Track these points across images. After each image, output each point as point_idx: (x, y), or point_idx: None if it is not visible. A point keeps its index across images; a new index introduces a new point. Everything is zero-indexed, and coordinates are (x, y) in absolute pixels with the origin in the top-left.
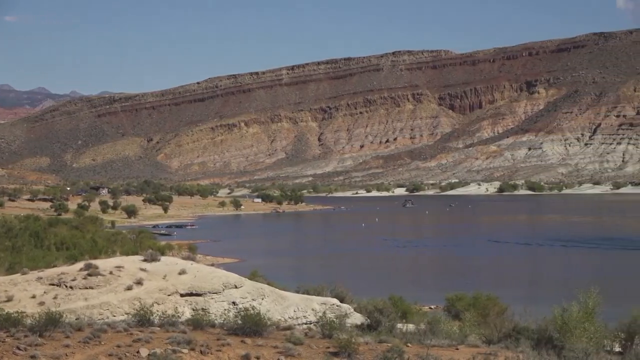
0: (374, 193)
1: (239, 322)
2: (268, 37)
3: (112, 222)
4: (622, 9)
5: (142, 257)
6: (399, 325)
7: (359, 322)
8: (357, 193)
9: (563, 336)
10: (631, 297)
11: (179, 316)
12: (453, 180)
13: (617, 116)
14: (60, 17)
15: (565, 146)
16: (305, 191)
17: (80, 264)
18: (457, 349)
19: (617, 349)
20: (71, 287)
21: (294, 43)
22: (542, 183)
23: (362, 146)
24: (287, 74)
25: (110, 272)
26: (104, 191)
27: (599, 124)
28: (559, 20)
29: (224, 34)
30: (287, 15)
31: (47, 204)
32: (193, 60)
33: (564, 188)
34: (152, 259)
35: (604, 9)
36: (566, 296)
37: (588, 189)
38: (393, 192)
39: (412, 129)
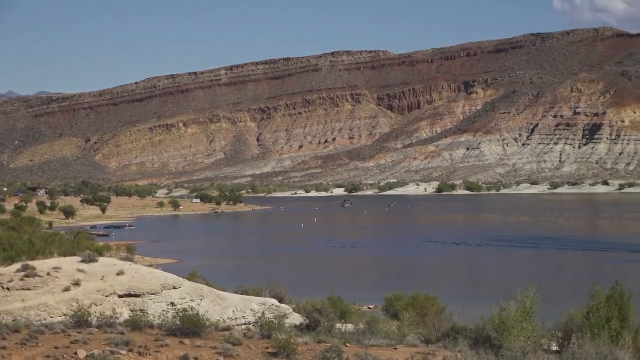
0: (313, 193)
1: (178, 323)
2: (207, 37)
3: (50, 223)
4: (559, 10)
5: (80, 259)
6: (338, 326)
7: (298, 323)
8: (296, 193)
9: (501, 335)
10: (568, 296)
11: (117, 317)
12: (392, 181)
13: (555, 117)
14: None
15: (503, 146)
16: (244, 192)
17: (18, 265)
18: (396, 348)
19: (555, 348)
20: (8, 289)
21: (233, 43)
22: (480, 183)
23: (301, 146)
24: (226, 74)
25: (48, 274)
26: (41, 192)
27: (537, 125)
28: (496, 21)
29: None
30: (226, 15)
31: None
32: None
33: (502, 188)
34: (90, 260)
35: (541, 10)
36: (504, 296)
37: (526, 189)
38: (332, 192)
39: (351, 130)
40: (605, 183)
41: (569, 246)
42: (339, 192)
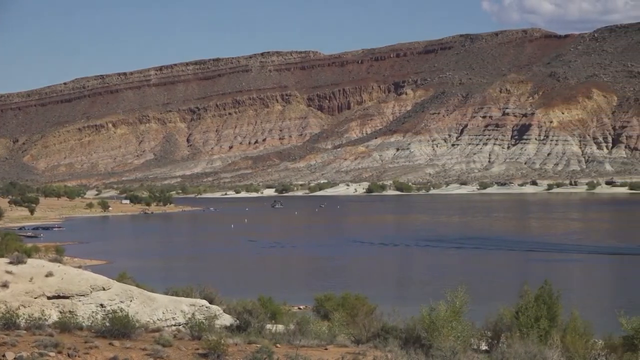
0: (243, 194)
1: (107, 324)
2: (136, 37)
3: None
4: (488, 11)
5: (7, 260)
6: (268, 326)
7: (228, 323)
8: (226, 194)
9: (431, 335)
10: (497, 296)
11: (45, 319)
12: (322, 181)
13: (484, 117)
14: None
15: (432, 147)
16: (174, 192)
17: None
18: (326, 349)
19: (484, 347)
20: None
21: (163, 43)
22: (410, 183)
23: (231, 147)
24: (156, 74)
25: None
26: None
27: (466, 125)
28: (426, 22)
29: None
30: (155, 14)
31: None
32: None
33: (432, 188)
34: (18, 262)
35: (470, 11)
36: (434, 295)
37: (455, 189)
38: (262, 193)
39: (281, 130)
40: (534, 183)
41: (498, 246)
42: (270, 192)
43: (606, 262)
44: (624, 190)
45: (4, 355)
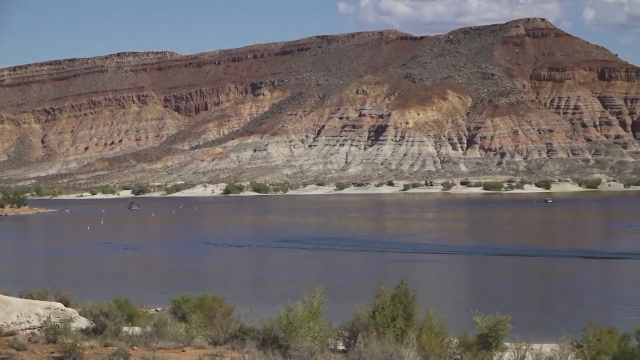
0: (99, 195)
1: None
2: None
3: None
4: (344, 12)
5: None
6: (125, 329)
7: (84, 326)
8: (82, 195)
9: (288, 336)
10: (354, 296)
11: None
12: (179, 182)
13: (340, 118)
14: None
15: (290, 148)
16: (28, 194)
17: None
18: (184, 350)
19: (341, 347)
20: None
21: (16, 43)
22: (267, 184)
23: (86, 148)
24: (9, 74)
25: None
26: None
27: (323, 126)
28: (283, 23)
29: None
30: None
31: None
32: None
33: (289, 189)
34: None
35: (326, 12)
36: (291, 296)
37: (312, 190)
38: (118, 194)
39: (137, 131)
40: (390, 184)
41: (354, 246)
42: (126, 194)
43: (461, 262)
44: (479, 190)
45: None
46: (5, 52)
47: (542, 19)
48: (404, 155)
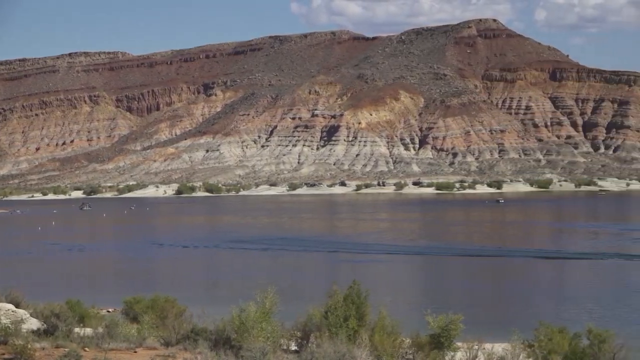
0: (51, 196)
1: None
2: None
3: None
4: (296, 13)
5: None
6: (77, 330)
7: (35, 328)
8: (33, 196)
9: (241, 336)
10: (306, 296)
11: None
12: (131, 183)
13: (293, 118)
14: None
15: (242, 148)
16: None
17: None
18: (136, 351)
19: (294, 347)
20: None
21: None
22: (220, 185)
23: (38, 149)
24: None
25: None
26: None
27: (275, 126)
28: (235, 24)
29: None
30: None
31: None
32: None
33: (242, 190)
34: None
35: (279, 12)
36: (244, 296)
37: (265, 191)
38: (70, 195)
39: (89, 131)
40: (343, 184)
41: (306, 247)
42: (78, 194)
43: (413, 262)
44: (431, 190)
45: None
46: None
47: (494, 20)
48: (357, 155)
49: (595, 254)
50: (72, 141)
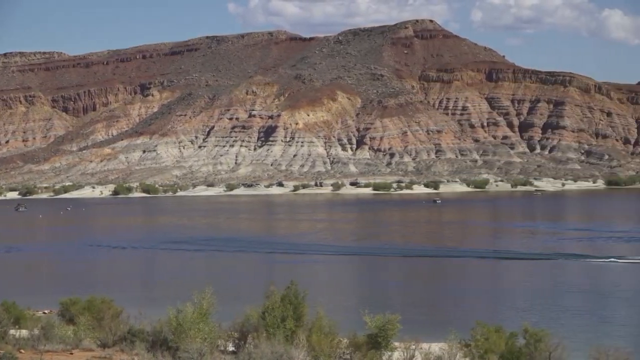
0: None
1: None
2: None
3: None
4: (233, 13)
5: None
6: (12, 332)
7: None
8: None
9: (178, 337)
10: (243, 297)
11: None
12: (67, 184)
13: (230, 119)
14: None
15: (179, 149)
16: None
17: None
18: (72, 353)
19: (231, 348)
20: None
21: None
22: (157, 185)
23: None
24: None
25: None
26: None
27: (213, 127)
28: (172, 24)
29: None
30: None
31: None
32: None
33: (179, 190)
34: None
35: (216, 12)
36: (181, 298)
37: (202, 191)
38: (5, 196)
39: (24, 132)
40: (280, 184)
41: (243, 247)
42: (13, 195)
43: (351, 262)
44: (368, 190)
45: None
46: None
47: (431, 21)
48: (294, 156)
49: (532, 254)
50: (7, 142)
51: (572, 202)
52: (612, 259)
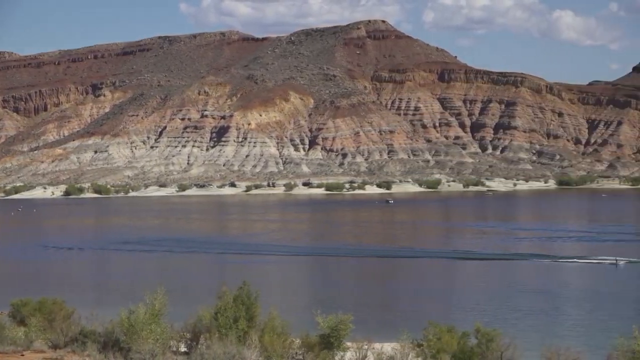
0: None
1: None
2: None
3: None
4: (185, 13)
5: None
6: None
7: None
8: None
9: (130, 338)
10: (196, 298)
11: None
12: (18, 184)
13: (182, 119)
14: None
15: (131, 149)
16: None
17: None
18: (23, 354)
19: (184, 349)
20: None
21: None
22: (108, 186)
23: None
24: None
25: None
26: None
27: (165, 127)
28: (124, 24)
29: None
30: None
31: None
32: None
33: (131, 191)
34: None
35: (168, 12)
36: (133, 299)
37: (154, 192)
38: None
39: None
40: (233, 185)
41: (197, 248)
42: None
43: (303, 262)
44: (320, 191)
45: None
46: None
47: (383, 21)
48: (246, 156)
49: (484, 254)
50: None
51: (523, 202)
52: (563, 259)
